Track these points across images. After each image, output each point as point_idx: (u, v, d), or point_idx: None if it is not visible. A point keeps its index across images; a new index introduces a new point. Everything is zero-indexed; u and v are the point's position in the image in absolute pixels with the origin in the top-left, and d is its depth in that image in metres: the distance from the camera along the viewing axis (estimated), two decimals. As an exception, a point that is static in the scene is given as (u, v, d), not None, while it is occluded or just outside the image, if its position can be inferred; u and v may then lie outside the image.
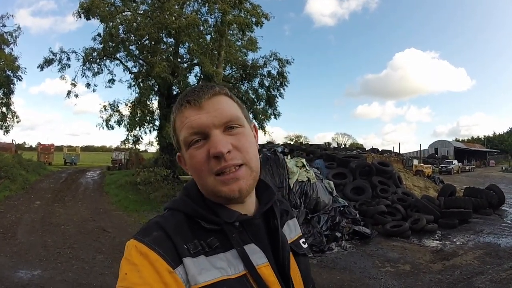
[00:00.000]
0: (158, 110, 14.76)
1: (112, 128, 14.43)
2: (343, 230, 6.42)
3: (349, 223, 6.73)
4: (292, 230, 0.77)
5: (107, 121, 14.48)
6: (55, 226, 7.82)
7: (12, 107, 17.72)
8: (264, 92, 16.07)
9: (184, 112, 0.64)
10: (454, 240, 6.81)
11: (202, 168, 0.62)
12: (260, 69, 15.42)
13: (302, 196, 6.97)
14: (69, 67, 15.03)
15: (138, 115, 13.72)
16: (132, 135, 14.13)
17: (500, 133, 73.66)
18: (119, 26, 13.82)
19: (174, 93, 14.41)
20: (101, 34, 14.32)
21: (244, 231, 0.64)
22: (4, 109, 17.53)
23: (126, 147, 14.40)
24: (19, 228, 7.52)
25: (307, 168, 7.88)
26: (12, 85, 16.98)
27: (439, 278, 4.69)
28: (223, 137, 0.62)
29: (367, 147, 22.31)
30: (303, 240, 0.79)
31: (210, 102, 0.64)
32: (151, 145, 15.14)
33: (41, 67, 14.68)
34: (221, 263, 0.59)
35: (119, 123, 14.45)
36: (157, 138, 14.40)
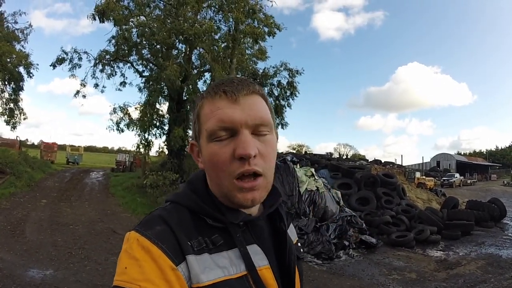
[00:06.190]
0: (167, 115, 14.99)
1: (122, 131, 14.64)
2: (350, 239, 6.63)
3: (356, 232, 6.95)
4: (292, 233, 0.76)
5: (117, 123, 14.72)
6: (64, 225, 7.73)
7: (20, 104, 17.66)
8: (272, 101, 16.17)
9: (217, 101, 0.60)
10: (457, 251, 7.04)
11: (223, 168, 0.59)
12: (271, 79, 15.66)
13: (311, 205, 7.20)
14: (80, 67, 15.15)
15: (148, 117, 13.91)
16: (144, 140, 14.33)
17: (503, 147, 73.94)
18: (132, 30, 14.16)
19: (184, 98, 14.68)
20: (115, 37, 14.67)
21: (248, 231, 0.63)
22: (12, 105, 17.44)
23: (140, 151, 14.53)
24: (27, 226, 7.40)
25: (316, 177, 8.11)
26: (21, 82, 16.96)
27: (444, 285, 4.92)
28: (252, 139, 0.59)
29: (369, 158, 22.54)
30: (299, 244, 0.79)
31: (247, 98, 0.61)
32: (162, 149, 15.26)
33: (54, 66, 14.87)
34: (224, 262, 0.58)
35: (128, 126, 14.67)
36: (165, 142, 14.59)
